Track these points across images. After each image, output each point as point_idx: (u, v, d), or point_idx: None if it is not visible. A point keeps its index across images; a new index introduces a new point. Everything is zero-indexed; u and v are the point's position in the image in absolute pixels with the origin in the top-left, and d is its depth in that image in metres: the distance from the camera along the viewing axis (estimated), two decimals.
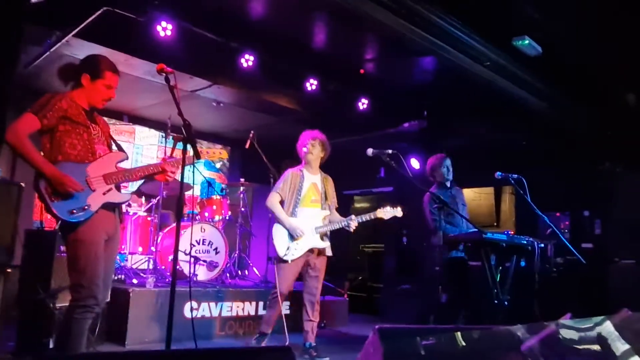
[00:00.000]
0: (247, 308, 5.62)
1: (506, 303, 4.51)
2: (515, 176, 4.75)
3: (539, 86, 6.16)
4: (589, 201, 7.01)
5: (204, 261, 6.01)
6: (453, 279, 5.00)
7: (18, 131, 2.75)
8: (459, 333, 1.96)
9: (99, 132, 3.10)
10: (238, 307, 5.60)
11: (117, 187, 3.06)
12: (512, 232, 4.81)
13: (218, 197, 6.69)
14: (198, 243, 6.04)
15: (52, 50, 5.09)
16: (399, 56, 6.04)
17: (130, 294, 4.76)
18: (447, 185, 5.27)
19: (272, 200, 4.68)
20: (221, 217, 6.58)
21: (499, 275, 4.69)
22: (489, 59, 5.48)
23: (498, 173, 4.79)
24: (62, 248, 3.96)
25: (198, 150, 3.04)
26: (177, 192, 3.27)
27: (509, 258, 4.77)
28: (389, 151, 4.48)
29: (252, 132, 6.18)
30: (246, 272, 6.94)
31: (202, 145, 8.75)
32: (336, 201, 4.91)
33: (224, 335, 5.43)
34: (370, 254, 9.86)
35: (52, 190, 2.81)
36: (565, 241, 4.56)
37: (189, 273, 5.56)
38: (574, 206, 7.16)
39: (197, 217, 6.50)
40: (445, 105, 7.20)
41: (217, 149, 9.00)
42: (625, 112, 6.54)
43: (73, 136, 2.94)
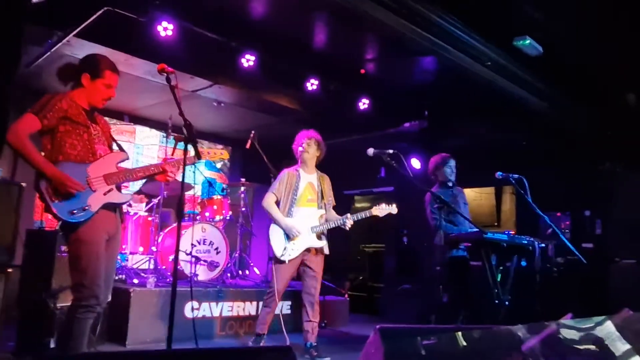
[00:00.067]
0: (248, 308, 5.62)
1: (507, 303, 4.51)
2: (516, 176, 4.75)
3: (540, 86, 6.16)
4: (590, 201, 7.01)
5: (205, 261, 6.01)
6: (454, 279, 5.00)
7: (19, 131, 2.75)
8: (460, 333, 1.96)
9: (100, 132, 3.10)
10: (239, 307, 5.60)
11: (118, 188, 3.07)
12: (513, 232, 4.82)
13: (219, 197, 6.69)
14: (199, 243, 6.04)
15: (53, 50, 5.10)
16: (400, 56, 6.04)
17: (131, 294, 4.77)
18: (449, 185, 5.27)
19: (268, 200, 4.70)
20: (222, 217, 6.58)
21: (500, 275, 4.69)
22: (490, 59, 5.48)
23: (499, 173, 4.79)
24: (63, 248, 3.98)
25: (199, 150, 3.04)
26: (178, 192, 3.27)
27: (510, 258, 4.77)
28: (390, 151, 4.48)
29: (253, 132, 6.18)
30: (247, 272, 6.93)
31: (203, 145, 8.76)
32: (333, 200, 4.91)
33: (225, 335, 5.43)
34: (370, 254, 9.86)
35: (53, 190, 2.81)
36: (565, 241, 4.56)
37: (190, 273, 5.56)
38: (575, 206, 7.16)
39: (198, 217, 6.50)
40: (445, 105, 7.20)
41: (218, 149, 9.02)
42: (625, 112, 6.54)
43: (73, 136, 2.94)
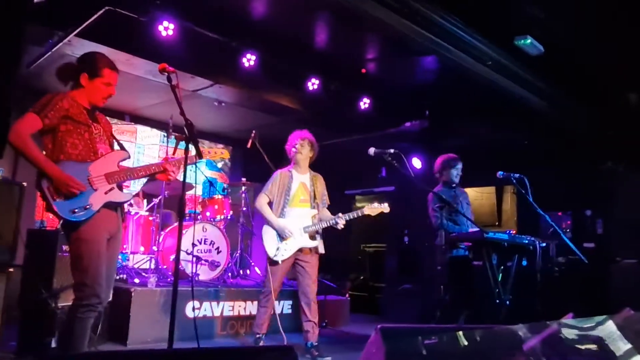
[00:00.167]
0: (249, 307, 5.62)
1: (508, 303, 4.51)
2: (517, 176, 4.74)
3: (541, 86, 6.15)
4: (591, 201, 7.00)
5: (206, 261, 6.02)
6: (456, 279, 5.00)
7: (20, 131, 2.75)
8: (461, 333, 1.96)
9: (101, 131, 3.10)
10: (240, 307, 5.60)
11: (119, 187, 3.07)
12: (514, 232, 4.81)
13: (220, 197, 6.70)
14: (200, 242, 6.05)
15: (54, 50, 5.10)
16: (401, 56, 6.04)
17: (132, 294, 4.77)
18: (452, 185, 5.27)
19: (260, 201, 4.72)
20: (223, 217, 6.59)
21: (501, 274, 4.69)
22: (491, 59, 5.48)
23: (500, 172, 4.78)
24: (64, 247, 3.98)
25: (200, 149, 3.04)
26: (179, 192, 3.27)
27: (511, 257, 4.77)
28: (391, 151, 4.49)
29: (254, 132, 6.18)
30: (248, 272, 6.94)
31: (204, 144, 8.76)
32: (327, 199, 4.92)
33: (226, 334, 5.43)
34: (371, 254, 9.86)
35: (55, 189, 2.81)
36: (567, 240, 4.56)
37: (191, 273, 5.56)
38: (576, 206, 7.16)
39: (199, 217, 6.51)
40: (446, 104, 7.20)
41: (219, 149, 8.99)
42: (626, 112, 6.53)
43: (75, 135, 2.94)
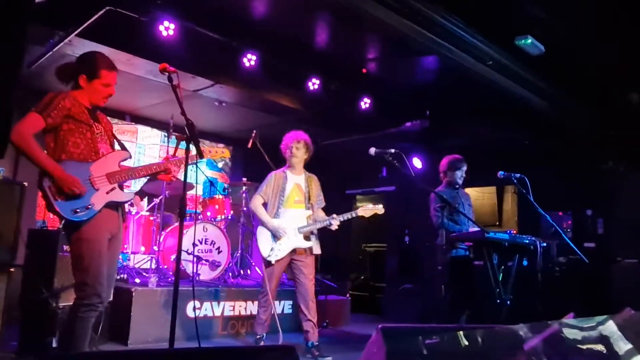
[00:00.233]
0: (250, 307, 5.62)
1: (508, 302, 4.51)
2: (517, 175, 4.74)
3: (541, 85, 6.15)
4: (592, 200, 7.00)
5: (207, 260, 6.02)
6: (456, 278, 5.00)
7: (23, 131, 2.75)
8: (462, 332, 1.96)
9: (102, 131, 3.11)
10: (240, 307, 5.60)
11: (120, 186, 3.07)
12: (515, 232, 4.81)
13: (220, 197, 6.70)
14: (200, 242, 6.05)
15: (55, 50, 5.10)
16: (401, 56, 6.04)
17: (132, 294, 4.77)
18: (455, 187, 5.28)
19: (255, 202, 4.76)
20: (223, 217, 6.59)
21: (502, 274, 4.69)
22: (492, 59, 5.47)
23: (500, 172, 4.78)
24: (65, 247, 3.98)
25: (201, 149, 3.04)
26: (180, 192, 3.27)
27: (512, 257, 4.77)
28: (392, 150, 4.48)
29: (255, 132, 6.17)
30: (248, 272, 6.94)
31: (205, 144, 8.76)
32: (323, 200, 4.92)
33: (226, 334, 5.44)
34: (372, 254, 9.86)
35: (56, 189, 2.81)
36: (567, 240, 4.56)
37: (192, 272, 5.56)
38: (577, 205, 7.15)
39: (200, 217, 6.51)
40: (447, 104, 7.20)
41: (220, 148, 8.99)
42: (627, 112, 6.52)
43: (77, 135, 2.94)
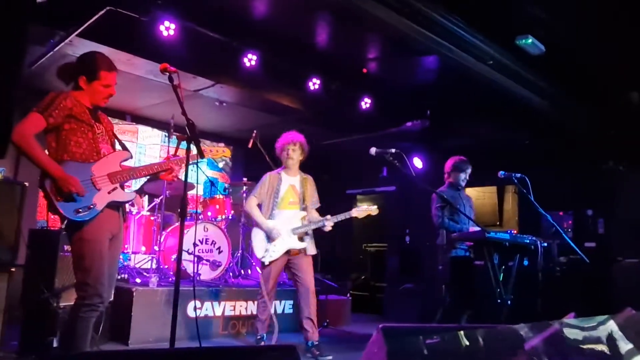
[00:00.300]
0: (250, 307, 5.62)
1: (509, 302, 4.51)
2: (518, 175, 4.74)
3: (542, 85, 6.15)
4: (592, 200, 7.00)
5: (207, 260, 6.02)
6: (457, 278, 5.00)
7: (24, 131, 2.75)
8: (463, 332, 1.96)
9: (103, 131, 3.11)
10: (241, 307, 5.60)
11: (122, 186, 3.08)
12: (515, 232, 4.81)
13: (221, 197, 6.70)
14: (201, 242, 6.05)
15: (56, 50, 5.10)
16: (402, 55, 6.04)
17: (133, 293, 4.78)
18: (457, 188, 5.29)
19: (250, 204, 4.78)
20: (224, 217, 6.59)
21: (502, 274, 4.69)
22: (492, 58, 5.47)
23: (501, 172, 4.78)
24: (66, 247, 3.98)
25: (202, 149, 3.04)
26: (180, 192, 3.27)
27: (512, 257, 4.77)
28: (392, 150, 4.48)
29: (255, 132, 6.18)
30: (249, 272, 6.93)
31: (205, 143, 8.76)
32: (317, 201, 4.93)
33: (227, 334, 5.44)
34: (373, 254, 9.86)
35: (58, 190, 2.82)
36: (568, 240, 4.56)
37: (192, 272, 5.56)
38: (577, 205, 7.15)
39: (200, 217, 6.51)
40: (448, 104, 7.19)
41: (221, 147, 9.00)
42: (627, 112, 6.52)
43: (78, 134, 2.95)
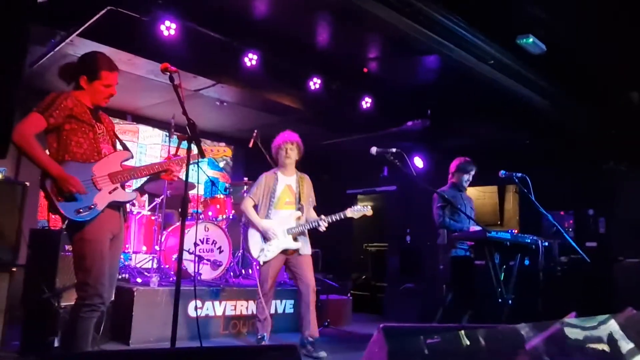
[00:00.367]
0: (251, 307, 5.61)
1: (510, 302, 4.51)
2: (519, 175, 4.75)
3: (543, 85, 6.14)
4: (593, 200, 6.99)
5: (208, 260, 6.02)
6: (457, 278, 5.01)
7: (24, 131, 2.75)
8: (464, 332, 1.96)
9: (104, 131, 3.12)
10: (242, 306, 5.60)
11: (123, 186, 3.08)
12: (516, 231, 4.81)
13: (222, 196, 6.70)
14: (202, 242, 6.05)
15: (56, 50, 5.10)
16: (403, 55, 6.03)
17: (134, 293, 4.78)
18: (460, 189, 5.29)
19: (245, 204, 4.82)
20: (225, 216, 6.59)
21: (503, 274, 4.69)
22: (493, 58, 5.47)
23: (502, 172, 4.79)
24: (67, 247, 3.98)
25: (202, 148, 3.04)
26: (181, 192, 3.28)
27: (513, 257, 4.78)
28: (393, 150, 4.49)
29: (256, 131, 6.17)
30: (250, 271, 6.93)
31: (206, 143, 8.76)
32: (314, 200, 4.95)
33: (228, 334, 5.44)
34: (373, 253, 9.86)
35: (58, 190, 2.82)
36: (569, 240, 4.56)
37: (193, 272, 5.57)
38: (578, 205, 7.15)
39: (201, 216, 6.51)
40: (448, 104, 7.19)
41: (222, 147, 9.01)
42: (629, 111, 6.52)
43: (79, 134, 2.95)
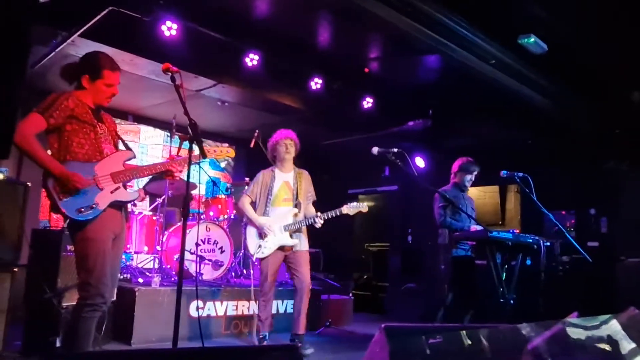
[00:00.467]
0: (252, 307, 5.61)
1: (512, 302, 4.50)
2: (520, 174, 4.75)
3: (544, 84, 6.14)
4: (595, 199, 6.99)
5: (209, 260, 6.02)
6: (458, 278, 5.00)
7: (24, 131, 2.76)
8: (465, 332, 1.96)
9: (106, 131, 3.12)
10: (243, 306, 5.60)
11: (125, 186, 3.08)
12: (518, 231, 4.81)
13: (223, 197, 6.71)
14: (203, 242, 6.05)
15: (58, 50, 5.11)
16: (404, 55, 6.03)
17: (136, 293, 4.78)
18: (462, 189, 5.29)
19: (242, 201, 4.88)
20: (226, 217, 6.59)
21: (505, 273, 4.69)
22: (495, 57, 5.47)
23: (503, 171, 4.79)
24: (69, 247, 3.99)
25: (204, 148, 3.05)
26: (182, 192, 3.28)
27: (515, 257, 4.77)
28: (394, 150, 4.49)
29: (257, 131, 6.17)
30: (251, 271, 6.94)
31: (208, 143, 8.77)
32: (314, 195, 4.98)
33: (229, 334, 5.44)
34: (375, 253, 9.87)
35: (61, 188, 2.82)
36: (571, 239, 4.55)
37: (195, 272, 5.57)
38: (580, 204, 7.15)
39: (203, 217, 6.51)
40: (450, 104, 7.19)
41: (225, 147, 9.01)
42: (630, 111, 6.51)
43: (80, 135, 2.95)
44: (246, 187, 6.72)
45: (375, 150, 4.52)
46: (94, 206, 2.88)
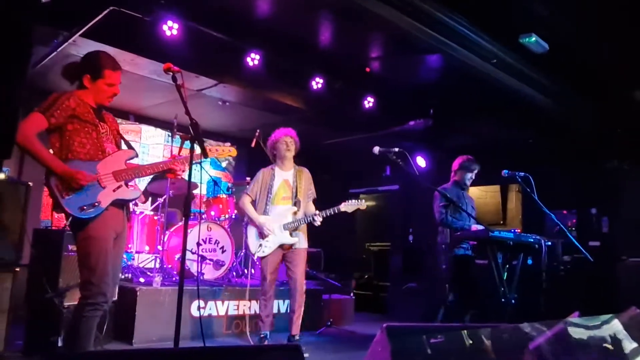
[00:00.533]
0: (254, 306, 5.62)
1: (513, 301, 4.50)
2: (522, 174, 4.75)
3: (545, 83, 6.13)
4: (596, 199, 6.99)
5: (211, 260, 6.02)
6: (459, 277, 5.00)
7: (26, 131, 2.76)
8: (466, 331, 1.96)
9: (107, 131, 3.12)
10: (245, 306, 5.61)
11: (127, 184, 3.08)
12: (519, 230, 4.81)
13: (224, 196, 6.71)
14: (204, 242, 6.05)
15: (59, 50, 5.11)
16: (405, 54, 6.03)
17: (137, 293, 4.79)
18: (462, 187, 5.30)
19: (243, 200, 4.89)
20: (227, 216, 6.60)
21: (506, 273, 4.69)
22: (496, 57, 5.46)
23: (505, 171, 4.79)
24: (70, 247, 3.99)
25: (206, 148, 3.05)
26: (184, 191, 3.28)
27: (516, 256, 4.77)
28: (395, 149, 4.49)
29: (258, 131, 6.17)
30: (252, 271, 6.94)
31: (209, 143, 8.77)
32: (314, 192, 4.98)
33: (231, 333, 5.44)
34: (376, 253, 9.87)
35: (63, 187, 2.83)
36: (572, 239, 4.55)
37: (196, 272, 5.57)
38: (581, 204, 7.14)
39: (204, 216, 6.52)
40: (451, 103, 7.18)
41: (227, 147, 9.01)
42: (632, 110, 6.51)
43: (82, 135, 2.96)
44: (247, 187, 6.85)
45: (376, 149, 4.52)
46: (97, 204, 2.89)
